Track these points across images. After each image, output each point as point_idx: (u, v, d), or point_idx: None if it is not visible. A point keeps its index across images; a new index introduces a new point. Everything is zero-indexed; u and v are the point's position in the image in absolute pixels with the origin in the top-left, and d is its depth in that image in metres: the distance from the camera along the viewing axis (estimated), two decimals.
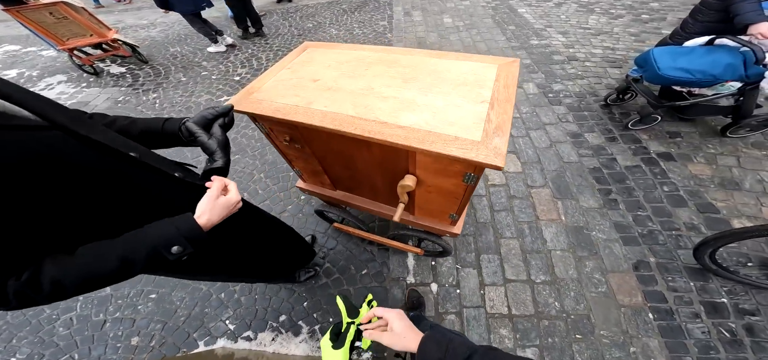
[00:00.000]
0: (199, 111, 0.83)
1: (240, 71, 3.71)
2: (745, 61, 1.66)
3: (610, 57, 3.04)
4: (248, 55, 4.02)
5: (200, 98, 3.33)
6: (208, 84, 3.56)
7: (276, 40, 4.25)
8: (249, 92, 1.10)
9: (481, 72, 1.00)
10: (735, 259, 1.51)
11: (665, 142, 2.10)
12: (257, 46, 4.17)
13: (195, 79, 3.69)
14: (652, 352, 1.31)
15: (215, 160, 0.74)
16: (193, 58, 4.12)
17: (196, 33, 4.47)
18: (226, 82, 3.55)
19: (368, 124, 0.87)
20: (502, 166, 0.72)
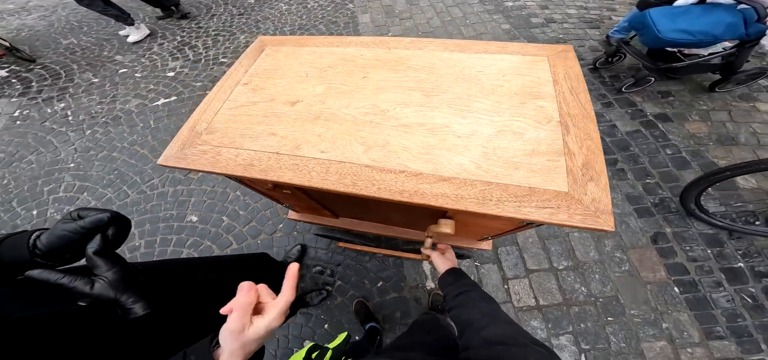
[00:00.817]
0: (56, 222, 0.43)
1: (172, 65, 2.98)
2: (746, 19, 1.58)
3: (585, 17, 2.90)
4: (178, 43, 3.23)
5: (128, 104, 2.64)
6: (133, 85, 2.82)
7: (211, 22, 3.45)
8: (192, 131, 0.72)
9: (529, 70, 0.73)
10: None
11: (659, 103, 2.05)
12: (187, 31, 3.35)
13: (112, 78, 2.91)
14: (684, 326, 1.31)
15: (128, 309, 0.40)
16: (100, 52, 3.23)
17: (96, 18, 3.49)
18: (157, 80, 2.84)
19: (397, 181, 0.58)
20: (611, 228, 0.49)
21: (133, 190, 2.05)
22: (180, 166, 0.66)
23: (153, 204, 1.97)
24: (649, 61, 1.97)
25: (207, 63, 2.94)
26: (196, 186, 2.01)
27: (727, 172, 1.30)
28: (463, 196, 0.55)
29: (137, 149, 2.27)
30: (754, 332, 1.27)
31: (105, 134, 2.41)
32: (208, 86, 2.69)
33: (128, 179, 2.10)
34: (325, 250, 1.67)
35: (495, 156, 0.59)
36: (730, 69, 1.86)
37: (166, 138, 2.32)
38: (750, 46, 1.66)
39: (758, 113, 1.90)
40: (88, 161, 2.23)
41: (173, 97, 2.65)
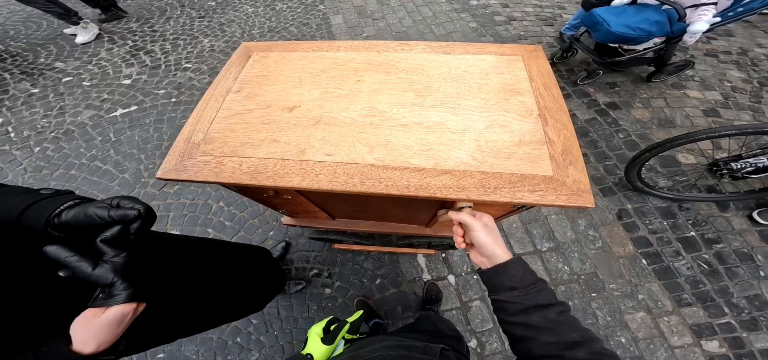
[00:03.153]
0: (92, 202, 0.45)
1: (127, 71, 2.74)
2: (670, 19, 1.85)
3: (541, 15, 3.16)
4: (130, 47, 2.96)
5: (80, 116, 2.38)
6: (82, 94, 2.56)
7: (168, 26, 3.20)
8: (189, 142, 0.71)
9: (507, 69, 0.82)
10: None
11: (608, 93, 2.31)
12: (139, 35, 3.09)
13: (55, 88, 2.61)
14: (657, 296, 1.47)
15: (113, 295, 0.41)
16: (35, 59, 2.87)
17: (23, 20, 3.10)
18: (112, 88, 2.59)
19: (402, 177, 0.62)
20: (592, 205, 0.58)
21: None
22: (182, 178, 0.65)
23: None
24: (597, 56, 2.21)
25: (168, 69, 2.74)
26: (173, 200, 1.90)
27: (646, 152, 1.51)
28: (464, 186, 0.61)
29: (98, 165, 2.08)
30: (715, 297, 1.44)
31: (57, 150, 2.17)
32: (172, 94, 2.52)
33: (93, 198, 1.93)
34: (320, 252, 1.67)
35: (488, 148, 0.65)
36: (661, 62, 2.15)
37: (132, 151, 2.15)
38: (675, 41, 1.94)
39: (689, 99, 2.22)
40: (42, 182, 2.01)
41: (133, 107, 2.45)
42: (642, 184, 1.71)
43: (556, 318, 0.41)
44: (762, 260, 1.53)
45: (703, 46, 2.60)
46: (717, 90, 2.26)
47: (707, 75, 2.37)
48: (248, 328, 1.48)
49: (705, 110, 2.14)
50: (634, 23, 1.88)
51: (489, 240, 0.49)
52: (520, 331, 0.43)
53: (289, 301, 1.54)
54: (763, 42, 2.62)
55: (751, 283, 1.47)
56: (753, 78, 2.31)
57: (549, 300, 0.43)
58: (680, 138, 1.40)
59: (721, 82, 2.30)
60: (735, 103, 2.16)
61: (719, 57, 2.51)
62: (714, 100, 2.20)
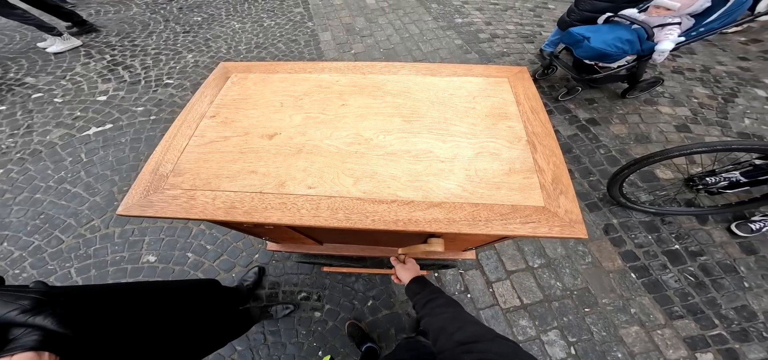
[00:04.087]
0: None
1: (104, 87, 2.62)
2: (639, 38, 1.94)
3: (522, 32, 3.28)
4: (108, 62, 2.85)
5: (49, 135, 2.24)
6: (53, 112, 2.41)
7: (150, 40, 3.12)
8: (156, 174, 0.65)
9: (494, 91, 0.81)
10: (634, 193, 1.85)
11: (588, 109, 2.39)
12: (119, 50, 2.98)
13: (24, 105, 2.46)
14: (649, 309, 1.47)
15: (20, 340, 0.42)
16: (5, 73, 2.71)
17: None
18: (86, 105, 2.47)
19: (390, 210, 0.59)
20: (585, 236, 0.56)
21: (67, 235, 1.75)
22: (146, 214, 0.59)
23: (96, 248, 1.71)
24: (575, 73, 2.29)
25: (148, 85, 2.65)
26: (149, 224, 1.79)
27: (625, 169, 1.55)
28: (455, 220, 0.58)
29: (67, 188, 1.95)
30: (705, 308, 1.46)
31: (22, 173, 2.02)
32: (152, 111, 2.42)
33: (59, 223, 1.80)
34: (309, 274, 1.60)
35: (477, 178, 0.63)
36: (633, 78, 2.25)
37: (105, 172, 2.03)
38: (645, 59, 2.03)
39: (661, 114, 2.32)
40: (4, 207, 1.87)
41: (108, 125, 2.33)
42: (625, 200, 1.74)
43: (441, 304, 0.63)
44: (745, 272, 1.56)
45: (669, 64, 2.76)
46: (686, 106, 2.37)
47: (676, 91, 2.49)
48: (232, 355, 1.40)
49: (677, 126, 2.24)
50: (609, 40, 1.97)
51: (404, 273, 0.81)
52: (425, 320, 0.62)
53: (277, 326, 1.46)
54: (723, 59, 2.80)
55: (737, 295, 1.50)
56: (717, 94, 2.45)
57: (436, 294, 0.68)
58: (655, 155, 1.44)
59: (689, 99, 2.43)
60: (703, 118, 2.28)
61: (685, 74, 2.66)
62: (684, 115, 2.31)
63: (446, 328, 0.53)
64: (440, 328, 0.55)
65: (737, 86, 2.51)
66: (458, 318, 0.56)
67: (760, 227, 1.62)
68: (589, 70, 2.27)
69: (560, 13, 2.67)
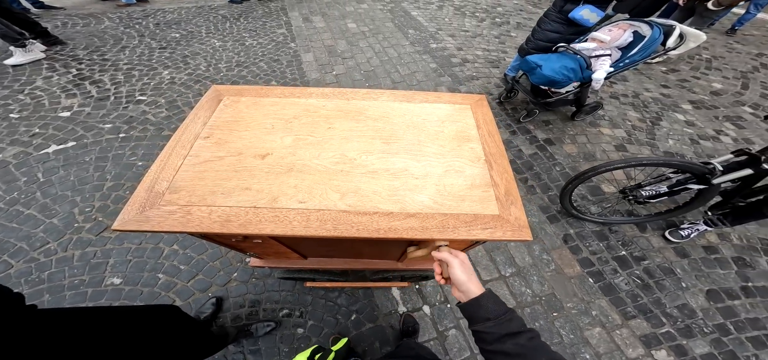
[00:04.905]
0: None
1: (67, 103, 2.49)
2: (581, 66, 2.27)
3: (488, 58, 3.64)
4: (74, 76, 2.72)
5: (2, 154, 2.07)
6: (7, 128, 2.25)
7: (122, 55, 3.03)
8: (152, 192, 0.69)
9: (459, 117, 0.95)
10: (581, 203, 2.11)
11: (545, 130, 2.70)
12: (87, 64, 2.86)
13: None
14: (607, 311, 1.63)
15: None
16: None
17: None
18: (46, 121, 2.33)
19: (372, 221, 0.68)
20: (530, 238, 0.69)
21: (18, 259, 1.63)
22: (144, 229, 0.63)
23: (52, 272, 1.60)
24: (532, 96, 2.59)
25: (118, 101, 2.56)
26: (114, 245, 1.71)
27: (568, 184, 1.77)
28: (428, 227, 0.68)
29: (20, 210, 1.82)
30: (653, 308, 1.64)
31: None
32: (121, 129, 2.34)
33: (9, 247, 1.68)
34: (290, 291, 1.61)
35: (446, 192, 0.75)
36: (579, 103, 2.59)
37: (65, 193, 1.92)
38: (586, 86, 2.36)
39: (603, 135, 2.67)
40: None
41: (71, 143, 2.22)
42: (576, 211, 1.98)
43: (526, 344, 0.48)
44: (681, 273, 1.79)
45: (607, 90, 3.20)
46: (622, 128, 2.76)
47: (613, 115, 2.89)
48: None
49: (616, 145, 2.59)
50: (557, 68, 2.27)
51: (464, 277, 0.57)
52: (498, 359, 0.48)
53: (257, 344, 1.45)
54: (649, 86, 3.30)
55: (678, 294, 1.71)
56: (646, 117, 2.88)
57: (519, 328, 0.50)
58: (588, 171, 1.69)
59: (624, 121, 2.83)
60: (636, 139, 2.66)
61: (620, 99, 3.10)
62: (621, 136, 2.68)
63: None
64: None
65: (661, 110, 2.96)
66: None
67: (688, 233, 1.91)
68: (543, 95, 2.58)
69: (521, 40, 3.02)
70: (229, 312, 1.54)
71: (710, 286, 1.75)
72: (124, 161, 2.12)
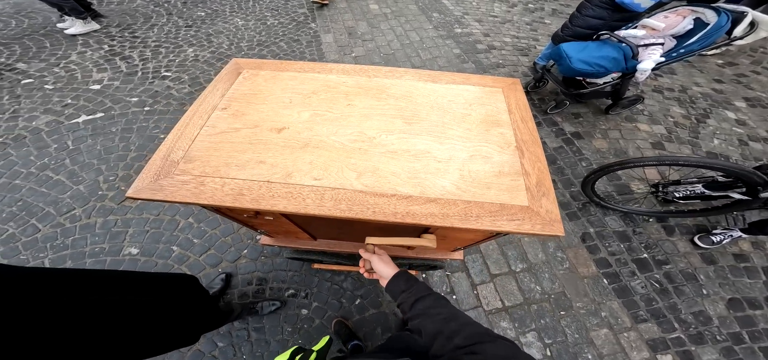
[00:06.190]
0: None
1: (98, 76, 2.58)
2: (625, 56, 2.06)
3: (517, 45, 3.42)
4: (106, 52, 2.81)
5: (36, 121, 2.19)
6: (42, 98, 2.36)
7: (151, 33, 3.09)
8: (167, 160, 0.68)
9: (489, 100, 0.88)
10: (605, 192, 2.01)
11: (573, 123, 2.52)
12: (118, 41, 2.95)
13: (12, 90, 2.40)
14: (617, 313, 1.57)
15: None
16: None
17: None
18: (77, 93, 2.43)
19: (390, 204, 0.64)
20: (562, 234, 0.62)
21: (44, 224, 1.71)
22: (156, 198, 0.62)
23: (75, 238, 1.67)
24: (564, 87, 2.42)
25: (145, 76, 2.63)
26: (134, 214, 1.77)
27: (592, 174, 1.72)
28: (449, 214, 0.63)
29: (49, 175, 1.91)
30: (666, 313, 1.57)
31: (3, 157, 1.97)
32: (146, 102, 2.41)
33: (37, 211, 1.75)
34: (297, 272, 1.62)
35: (470, 178, 0.69)
36: (617, 95, 2.39)
37: (91, 161, 2.00)
38: (629, 77, 2.16)
39: (639, 132, 2.47)
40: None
41: (99, 114, 2.30)
42: (598, 199, 1.89)
43: (433, 304, 0.58)
44: (704, 280, 1.69)
45: (651, 83, 2.93)
46: (662, 124, 2.53)
47: (654, 110, 2.66)
48: (213, 352, 1.38)
49: (653, 143, 2.38)
50: (592, 59, 2.08)
51: (382, 266, 0.68)
52: (415, 322, 0.57)
53: (261, 322, 1.47)
54: (699, 81, 3.00)
55: (696, 301, 1.62)
56: (691, 114, 2.63)
57: (425, 291, 0.61)
58: (614, 164, 1.61)
59: (666, 117, 2.59)
60: (677, 137, 2.44)
61: (664, 93, 2.84)
62: (659, 133, 2.46)
63: (443, 330, 0.51)
64: (437, 332, 0.52)
65: (710, 107, 2.69)
66: (454, 318, 0.53)
67: (720, 239, 1.76)
68: (576, 85, 2.39)
69: (555, 28, 2.81)
70: (237, 289, 1.56)
71: (733, 294, 1.65)
72: (148, 133, 2.19)
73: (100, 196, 1.83)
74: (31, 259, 1.58)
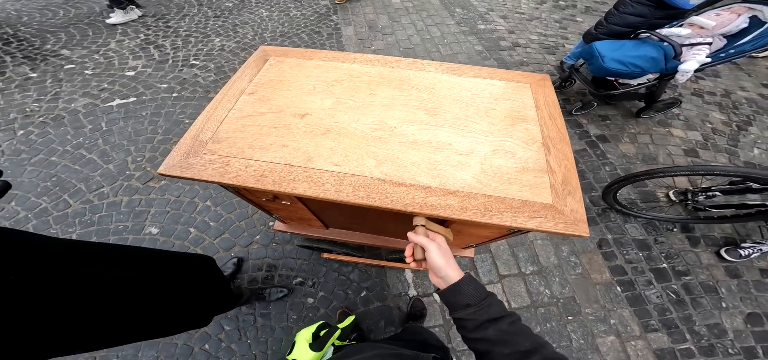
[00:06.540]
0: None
1: (133, 63, 2.72)
2: (666, 56, 1.93)
3: (544, 43, 3.28)
4: (142, 41, 2.95)
5: (74, 103, 2.34)
6: (81, 82, 2.52)
7: (183, 23, 3.22)
8: (196, 140, 0.71)
9: (515, 95, 0.85)
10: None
11: (600, 125, 2.40)
12: (153, 30, 3.10)
13: (55, 74, 2.56)
14: (627, 321, 1.53)
15: None
16: (42, 45, 2.83)
17: (40, 8, 3.12)
18: (113, 78, 2.57)
19: (408, 193, 0.63)
20: (586, 234, 0.60)
21: (76, 200, 1.81)
22: (185, 176, 0.64)
23: (102, 215, 1.76)
24: (593, 87, 2.30)
25: (175, 64, 2.74)
26: (157, 195, 1.85)
27: (614, 184, 1.67)
28: (468, 208, 0.62)
29: (83, 154, 2.03)
30: (679, 324, 1.51)
31: (42, 135, 2.11)
32: (175, 89, 2.51)
33: (70, 187, 1.86)
34: (306, 260, 1.64)
35: (492, 172, 0.67)
36: (651, 98, 2.25)
37: (122, 142, 2.11)
38: (667, 78, 2.02)
39: (672, 137, 2.32)
40: (19, 166, 1.93)
41: (132, 99, 2.42)
42: (620, 207, 1.82)
43: (508, 329, 0.45)
44: (725, 293, 1.61)
45: (691, 85, 2.74)
46: (699, 130, 2.36)
47: (691, 114, 2.48)
48: (219, 335, 1.41)
49: (686, 150, 2.23)
50: (628, 59, 1.95)
51: (442, 262, 0.51)
52: (480, 346, 0.46)
53: (268, 308, 1.49)
54: (745, 85, 2.76)
55: (713, 313, 1.55)
56: (733, 121, 2.43)
57: (500, 313, 0.46)
58: (641, 174, 1.55)
59: (703, 123, 2.41)
60: (714, 144, 2.26)
61: (704, 97, 2.64)
62: (694, 140, 2.30)
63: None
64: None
65: (754, 114, 2.49)
66: (536, 350, 0.42)
67: (748, 253, 1.66)
68: (606, 86, 2.27)
69: (588, 26, 2.67)
70: (247, 273, 1.60)
71: (754, 309, 1.57)
72: (174, 118, 2.29)
73: (128, 176, 1.94)
74: (60, 233, 1.67)
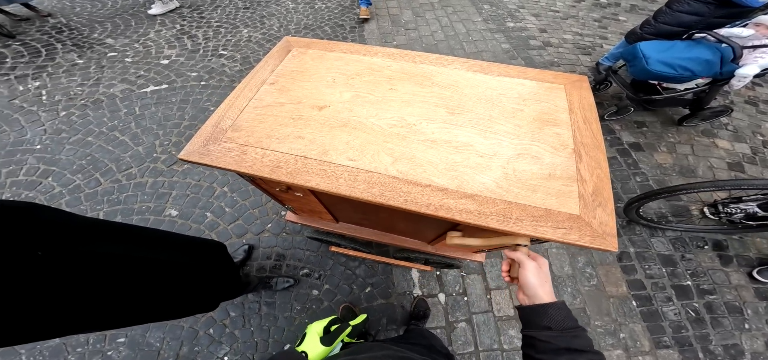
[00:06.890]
0: None
1: (168, 52, 2.87)
2: (722, 58, 1.73)
3: (579, 43, 3.09)
4: (177, 31, 3.11)
5: (113, 89, 2.50)
6: (121, 69, 2.69)
7: (215, 14, 3.35)
8: (217, 128, 0.72)
9: (547, 97, 0.79)
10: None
11: (635, 132, 2.23)
12: (188, 21, 3.25)
13: (99, 62, 2.75)
14: (637, 336, 1.45)
15: None
16: (90, 34, 3.05)
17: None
18: (149, 66, 2.72)
19: (423, 194, 0.61)
20: (615, 249, 0.55)
21: (106, 179, 1.93)
22: (203, 162, 0.66)
23: (128, 195, 1.86)
24: (632, 92, 2.12)
25: (205, 54, 2.86)
26: (179, 178, 1.94)
27: (634, 201, 1.62)
28: (486, 213, 0.58)
29: (117, 135, 2.17)
30: (694, 342, 1.44)
31: (82, 117, 2.27)
32: (203, 77, 2.62)
33: (102, 166, 1.99)
34: (314, 252, 1.66)
35: (515, 177, 0.63)
36: (698, 105, 2.04)
37: (151, 126, 2.23)
38: (721, 84, 1.82)
39: (717, 149, 2.11)
40: (58, 144, 2.09)
41: (164, 86, 2.55)
42: (644, 221, 1.74)
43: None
44: (750, 314, 1.51)
45: (746, 92, 2.47)
46: (747, 142, 2.14)
47: (742, 125, 2.24)
48: (224, 320, 1.45)
49: (730, 163, 2.03)
50: (677, 61, 1.76)
51: (535, 282, 0.49)
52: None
53: (273, 297, 1.52)
54: None
55: (733, 334, 1.46)
56: None
57: (583, 347, 0.42)
58: (680, 187, 1.47)
59: (754, 134, 2.18)
60: (762, 159, 2.04)
61: (759, 106, 2.38)
62: (742, 152, 2.09)
63: None
64: None
65: None
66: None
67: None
68: (648, 90, 2.09)
69: (632, 25, 2.47)
70: (257, 261, 1.64)
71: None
72: (201, 105, 2.39)
73: (154, 158, 2.04)
74: (89, 211, 1.78)
